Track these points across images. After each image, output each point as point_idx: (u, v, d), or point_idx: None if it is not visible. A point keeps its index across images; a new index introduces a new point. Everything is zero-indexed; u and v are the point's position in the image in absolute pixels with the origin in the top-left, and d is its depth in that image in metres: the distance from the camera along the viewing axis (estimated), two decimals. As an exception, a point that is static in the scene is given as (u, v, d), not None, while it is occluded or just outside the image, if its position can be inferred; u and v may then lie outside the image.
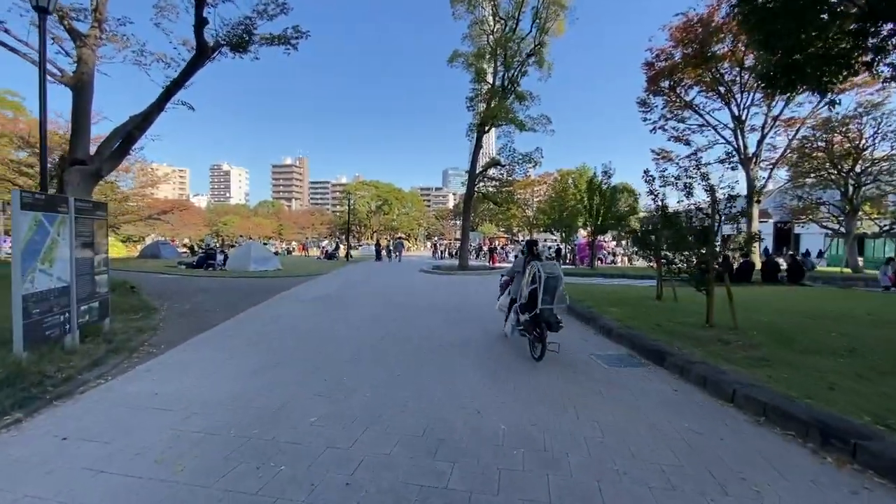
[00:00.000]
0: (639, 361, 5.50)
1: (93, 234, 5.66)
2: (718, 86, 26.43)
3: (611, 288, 13.00)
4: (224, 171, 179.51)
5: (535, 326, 5.46)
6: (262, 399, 4.00)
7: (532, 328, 5.51)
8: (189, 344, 6.09)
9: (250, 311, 8.89)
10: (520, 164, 21.51)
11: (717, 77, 26.04)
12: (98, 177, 10.92)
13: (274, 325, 7.49)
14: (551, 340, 5.51)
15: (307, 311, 8.94)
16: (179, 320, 7.82)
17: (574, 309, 8.79)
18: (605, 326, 7.05)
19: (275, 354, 5.57)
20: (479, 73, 21.71)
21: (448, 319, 8.16)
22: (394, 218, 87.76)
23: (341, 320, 7.97)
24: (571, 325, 7.81)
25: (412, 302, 10.51)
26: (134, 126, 11.11)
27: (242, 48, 13.84)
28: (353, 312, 8.85)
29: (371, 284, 14.56)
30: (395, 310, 9.23)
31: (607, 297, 10.27)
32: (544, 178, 59.36)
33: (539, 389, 4.38)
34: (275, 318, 8.17)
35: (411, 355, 5.61)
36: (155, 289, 12.00)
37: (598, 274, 19.58)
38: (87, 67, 11.77)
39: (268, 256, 19.71)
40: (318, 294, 11.70)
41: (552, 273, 5.39)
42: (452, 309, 9.46)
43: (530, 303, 5.46)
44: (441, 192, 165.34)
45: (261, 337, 6.55)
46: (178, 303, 9.79)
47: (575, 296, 10.38)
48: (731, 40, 23.93)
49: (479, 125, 21.04)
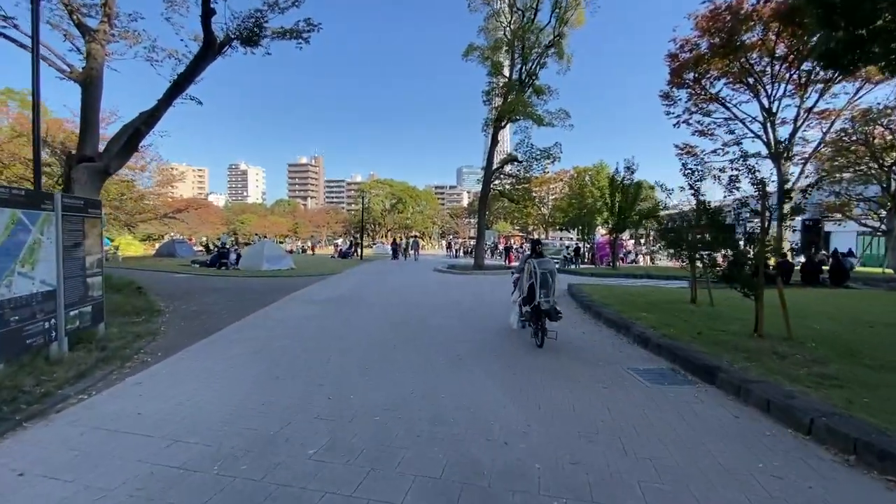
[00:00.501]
0: (684, 378, 4.84)
1: (84, 234, 5.25)
2: (747, 77, 25.19)
3: (637, 289, 12.24)
4: (241, 170, 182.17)
5: (535, 317, 6.10)
6: (256, 422, 3.49)
7: (534, 319, 6.16)
8: (188, 351, 5.65)
9: (258, 314, 8.47)
10: (538, 160, 20.79)
11: (746, 67, 24.80)
12: (106, 174, 10.66)
13: (280, 329, 7.03)
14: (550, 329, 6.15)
15: (317, 314, 8.48)
16: (183, 324, 7.43)
17: (602, 313, 8.12)
18: (640, 335, 6.38)
19: (277, 365, 5.08)
20: (496, 67, 21.03)
21: (465, 323, 7.60)
22: (408, 216, 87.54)
23: (352, 325, 7.48)
24: (601, 332, 7.16)
25: (427, 302, 9.99)
26: (142, 122, 10.81)
27: (253, 42, 13.47)
28: (364, 315, 8.36)
29: (385, 284, 14.08)
30: (409, 311, 8.71)
31: (636, 300, 9.56)
32: (560, 176, 58.27)
33: (576, 414, 3.78)
34: (282, 321, 7.72)
35: (426, 368, 5.06)
36: (164, 289, 11.73)
37: (621, 274, 18.76)
38: (96, 63, 11.53)
39: (281, 255, 19.44)
40: (331, 295, 11.26)
41: (546, 269, 6.09)
42: (468, 311, 8.89)
43: (529, 296, 6.16)
44: (455, 190, 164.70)
45: (265, 344, 6.09)
46: (185, 304, 9.45)
47: (601, 299, 9.70)
48: (761, 28, 22.75)
49: (496, 120, 20.38)
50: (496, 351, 5.90)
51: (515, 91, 19.48)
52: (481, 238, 21.42)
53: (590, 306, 9.02)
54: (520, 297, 6.63)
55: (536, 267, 6.03)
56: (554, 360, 5.42)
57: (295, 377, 4.67)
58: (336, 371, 4.89)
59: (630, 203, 20.00)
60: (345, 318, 8.07)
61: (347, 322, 7.75)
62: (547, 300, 5.88)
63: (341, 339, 6.40)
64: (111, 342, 5.55)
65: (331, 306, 9.49)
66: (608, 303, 9.26)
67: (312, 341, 6.25)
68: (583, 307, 9.48)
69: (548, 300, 5.88)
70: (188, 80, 10.82)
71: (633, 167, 19.92)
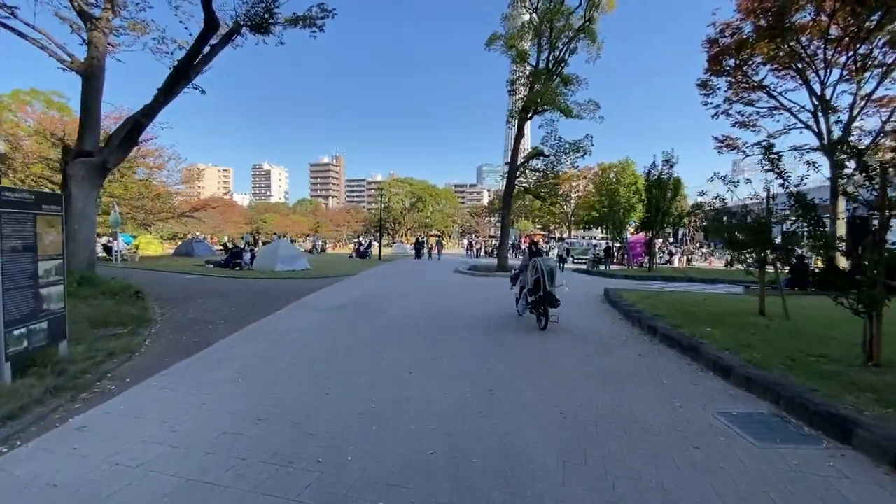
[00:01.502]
0: (800, 431, 3.57)
1: (37, 235, 4.34)
2: (796, 61, 23.07)
3: (685, 295, 10.84)
4: (265, 170, 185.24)
5: (539, 305, 7.28)
6: (215, 501, 2.45)
7: (538, 306, 7.33)
8: (163, 376, 4.69)
9: (260, 324, 7.53)
10: (566, 153, 19.39)
11: (797, 51, 22.70)
12: (104, 169, 9.95)
13: (277, 347, 6.03)
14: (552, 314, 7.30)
15: (323, 325, 7.47)
16: (171, 336, 6.53)
17: (657, 329, 6.84)
18: (715, 361, 5.09)
19: (263, 399, 4.06)
20: (521, 55, 19.73)
21: (494, 340, 6.46)
22: (428, 215, 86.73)
23: (360, 340, 6.43)
24: (663, 354, 5.87)
25: (446, 308, 8.88)
26: (142, 114, 10.07)
27: (264, 29, 12.65)
28: (375, 328, 7.31)
29: (402, 288, 13.04)
30: (426, 324, 7.62)
31: (693, 311, 8.21)
32: (584, 173, 56.32)
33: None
34: (283, 335, 6.74)
35: (452, 410, 3.94)
36: (168, 292, 11.00)
37: (658, 276, 17.23)
38: (98, 52, 10.83)
39: (296, 255, 18.68)
40: (342, 301, 10.27)
41: (549, 266, 7.49)
42: (495, 324, 7.73)
43: (535, 288, 7.34)
44: (475, 188, 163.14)
45: (256, 366, 5.08)
46: (183, 310, 8.61)
47: (649, 309, 8.40)
48: (813, 8, 20.75)
49: (521, 111, 19.11)
50: (538, 391, 4.74)
51: (543, 80, 18.14)
52: (505, 237, 20.18)
53: (639, 319, 7.72)
54: (523, 289, 8.01)
55: (542, 264, 7.38)
56: (617, 394, 4.23)
57: (281, 419, 3.62)
58: (334, 410, 3.83)
59: (669, 199, 18.39)
60: (354, 332, 7.03)
61: (356, 335, 6.71)
62: (552, 289, 7.26)
63: (347, 359, 5.36)
64: (74, 364, 4.64)
65: (341, 315, 8.48)
66: (660, 313, 7.95)
67: (312, 363, 5.21)
68: (629, 319, 8.18)
69: (552, 289, 7.27)
70: (190, 66, 10.00)
71: (673, 160, 18.31)
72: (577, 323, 7.98)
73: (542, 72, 18.70)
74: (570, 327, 7.55)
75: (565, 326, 7.54)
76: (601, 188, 49.11)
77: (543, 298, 7.14)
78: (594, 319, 8.40)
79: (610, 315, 8.91)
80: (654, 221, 18.14)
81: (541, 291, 7.16)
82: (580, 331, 7.26)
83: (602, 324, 7.97)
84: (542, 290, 7.14)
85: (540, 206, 66.30)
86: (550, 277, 7.23)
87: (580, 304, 10.47)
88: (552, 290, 7.20)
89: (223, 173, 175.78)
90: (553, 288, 7.23)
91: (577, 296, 11.90)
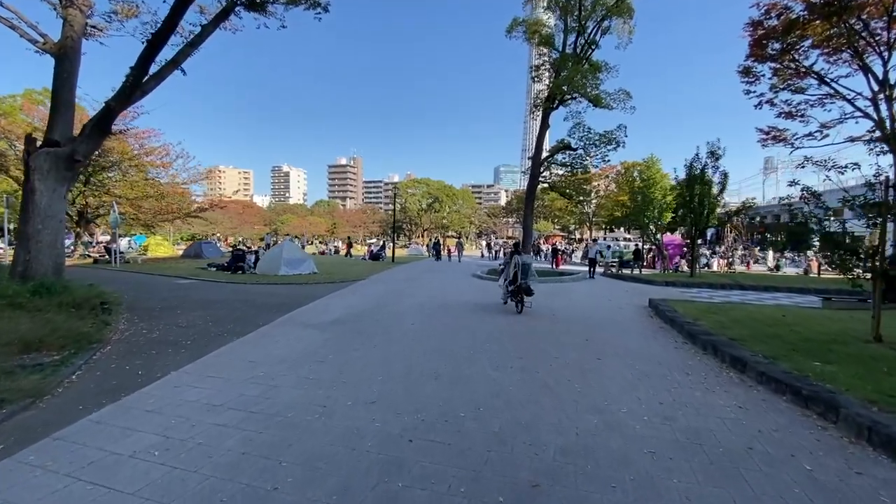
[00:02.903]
0: None
1: None
2: (855, 42, 20.62)
3: (754, 310, 8.96)
4: (284, 172, 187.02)
5: (517, 293, 8.95)
6: None
7: (516, 294, 8.98)
8: (49, 444, 3.22)
9: (231, 348, 6.08)
10: (596, 146, 17.54)
11: (856, 31, 20.27)
12: (73, 161, 8.67)
13: (238, 386, 4.53)
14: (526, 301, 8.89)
15: (309, 350, 5.96)
16: (113, 366, 5.13)
17: (745, 362, 5.08)
18: (882, 433, 3.31)
19: (180, 498, 2.53)
20: (545, 40, 17.99)
21: (529, 382, 4.84)
22: (445, 215, 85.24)
23: (351, 375, 4.89)
24: (772, 405, 4.08)
25: (462, 328, 7.27)
26: (114, 99, 8.80)
27: (260, 6, 11.34)
28: (374, 354, 5.77)
29: (413, 297, 11.49)
30: (439, 347, 6.05)
31: (780, 334, 6.39)
32: (606, 171, 53.96)
33: None
34: (253, 365, 5.24)
35: None
36: (148, 301, 9.75)
37: (704, 283, 15.23)
38: (74, 32, 9.59)
39: (301, 258, 17.35)
40: (342, 313, 8.78)
41: (525, 262, 9.08)
42: (525, 351, 6.11)
43: (514, 280, 9.03)
44: (493, 189, 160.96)
45: (185, 431, 3.56)
46: (150, 326, 7.26)
47: (719, 329, 6.63)
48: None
49: (547, 99, 17.38)
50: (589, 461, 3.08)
51: (570, 64, 16.36)
52: (528, 238, 18.43)
53: (712, 344, 5.95)
54: (505, 281, 9.39)
55: (519, 261, 8.88)
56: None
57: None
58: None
59: (716, 196, 16.35)
60: (345, 363, 5.50)
61: (347, 368, 5.19)
62: (525, 281, 8.82)
63: (325, 416, 3.81)
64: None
65: (335, 335, 6.96)
66: (737, 337, 6.18)
67: (271, 422, 3.68)
68: (695, 343, 6.41)
69: (525, 281, 8.83)
70: (165, 40, 8.65)
71: (719, 151, 16.26)
72: (629, 346, 6.27)
73: (570, 56, 16.92)
74: (621, 352, 5.85)
75: (614, 349, 5.86)
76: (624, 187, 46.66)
77: (520, 288, 8.86)
78: (648, 342, 6.67)
79: (666, 335, 7.15)
80: (698, 220, 16.11)
81: (518, 282, 8.87)
82: (637, 359, 5.57)
83: (661, 350, 6.24)
84: (518, 282, 8.88)
85: (561, 207, 64.27)
86: (525, 272, 8.93)
87: (623, 318, 8.72)
88: (527, 282, 8.94)
89: (244, 175, 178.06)
90: (527, 280, 8.95)
91: (616, 307, 10.14)
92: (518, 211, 74.87)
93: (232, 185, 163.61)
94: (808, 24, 20.43)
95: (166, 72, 10.15)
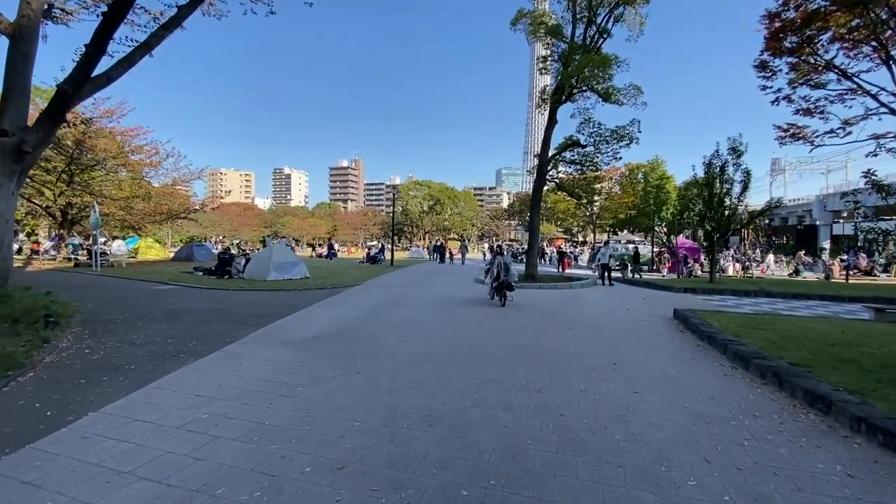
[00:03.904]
0: None
1: None
2: (881, 34, 19.46)
3: (804, 324, 7.77)
4: (285, 174, 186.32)
5: (500, 289, 10.43)
6: None
7: (499, 290, 10.44)
8: None
9: (180, 375, 4.96)
10: (607, 142, 16.41)
11: (882, 21, 19.10)
12: (21, 153, 7.57)
13: (168, 441, 3.42)
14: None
15: (276, 378, 4.84)
16: (18, 403, 4.03)
17: (830, 402, 3.93)
18: None
19: None
20: (553, 31, 16.91)
21: (554, 433, 3.72)
22: (446, 218, 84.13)
23: (320, 419, 3.77)
24: (888, 471, 2.94)
25: (463, 348, 6.15)
26: (66, 81, 7.73)
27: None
28: (354, 385, 4.64)
29: (410, 305, 10.38)
30: (436, 376, 4.93)
31: (849, 356, 5.24)
32: (609, 173, 52.86)
33: None
34: (199, 403, 4.12)
35: None
36: (111, 310, 8.67)
37: (726, 290, 14.05)
38: (32, 10, 8.46)
39: (292, 262, 16.23)
40: (326, 327, 7.66)
41: (506, 262, 10.52)
42: (544, 382, 4.99)
43: (497, 277, 10.41)
44: (494, 191, 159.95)
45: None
46: (98, 343, 6.16)
47: (769, 348, 5.49)
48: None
49: (555, 92, 16.27)
50: None
51: (581, 54, 15.27)
52: (534, 241, 17.27)
53: (772, 371, 4.79)
54: (490, 279, 10.87)
55: (502, 261, 10.50)
56: None
57: None
58: None
59: (738, 196, 15.18)
60: (316, 399, 4.38)
61: (318, 407, 4.07)
62: (507, 278, 10.33)
63: (269, 494, 2.70)
64: None
65: (312, 357, 5.85)
66: (799, 361, 5.03)
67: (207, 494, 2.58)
68: (746, 366, 5.25)
69: (507, 278, 10.33)
70: (122, 15, 7.55)
71: (741, 148, 15.13)
72: (668, 372, 5.13)
73: (579, 46, 15.84)
74: (660, 381, 4.71)
75: (651, 377, 4.72)
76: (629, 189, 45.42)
77: (503, 284, 10.27)
78: (689, 367, 5.52)
79: (707, 357, 6.00)
80: (719, 222, 14.94)
81: (500, 279, 10.26)
82: (684, 393, 4.43)
83: (710, 379, 5.09)
84: (500, 279, 10.26)
85: (564, 209, 63.05)
86: (506, 270, 10.28)
87: (648, 332, 7.57)
88: (508, 279, 10.28)
89: (245, 177, 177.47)
90: (508, 277, 10.28)
91: (637, 319, 8.99)
92: (520, 213, 73.66)
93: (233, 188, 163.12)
94: (831, 16, 19.28)
95: (136, 56, 9.10)
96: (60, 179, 19.30)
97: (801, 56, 21.31)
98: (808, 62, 21.35)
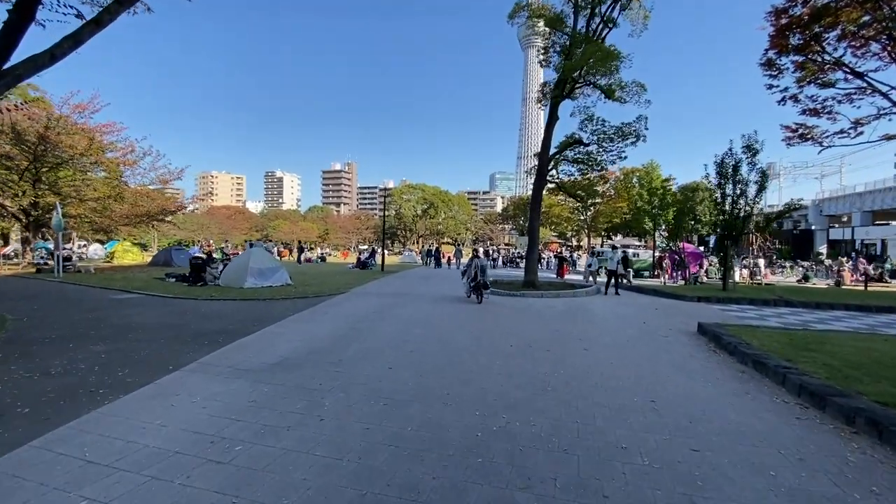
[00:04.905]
0: None
1: None
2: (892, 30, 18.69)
3: (862, 343, 6.67)
4: (277, 177, 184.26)
5: (477, 289, 11.62)
6: None
7: (476, 290, 11.64)
8: None
9: (84, 422, 3.72)
10: (612, 140, 15.40)
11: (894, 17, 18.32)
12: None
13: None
14: None
15: (214, 426, 3.61)
16: None
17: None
18: None
19: None
20: (553, 22, 15.92)
21: None
22: (440, 222, 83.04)
23: (262, 496, 2.57)
24: None
25: (459, 377, 4.96)
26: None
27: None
28: (314, 438, 3.42)
29: (393, 322, 9.18)
30: (422, 423, 3.75)
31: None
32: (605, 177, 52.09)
33: None
34: (92, 475, 2.90)
35: None
36: (51, 326, 7.38)
37: (743, 299, 13.01)
38: None
39: (273, 268, 14.95)
40: (293, 349, 6.43)
41: (483, 264, 11.85)
42: (570, 438, 3.82)
43: (474, 277, 11.62)
44: (488, 195, 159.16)
45: None
46: (3, 374, 4.89)
47: (842, 383, 4.36)
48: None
49: (556, 87, 15.24)
50: None
51: (583, 45, 14.26)
52: (534, 245, 16.13)
53: (867, 417, 3.66)
54: (468, 279, 12.04)
55: (479, 263, 11.74)
56: None
57: None
58: None
59: (753, 197, 14.19)
60: (260, 463, 3.18)
61: (260, 477, 2.87)
62: (483, 279, 11.58)
63: None
64: None
65: (268, 393, 4.63)
66: (891, 400, 3.91)
67: None
68: (822, 406, 4.09)
69: (483, 279, 11.58)
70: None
71: (756, 146, 14.18)
72: (725, 415, 3.97)
73: (582, 37, 14.84)
74: (720, 430, 3.55)
75: (708, 426, 3.57)
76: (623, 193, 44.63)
77: (479, 284, 11.56)
78: (747, 407, 4.37)
79: (760, 389, 4.86)
80: (734, 226, 13.94)
81: (478, 280, 11.56)
82: (760, 452, 3.28)
83: (784, 428, 3.94)
84: (477, 279, 11.57)
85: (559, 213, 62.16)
86: (482, 272, 11.63)
87: (677, 353, 6.40)
88: (484, 279, 11.60)
89: (236, 180, 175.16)
90: (484, 278, 11.63)
91: (658, 335, 7.79)
92: (514, 217, 72.72)
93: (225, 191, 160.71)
94: (841, 11, 18.50)
95: (84, 33, 7.80)
96: (24, 178, 17.86)
97: (807, 54, 20.51)
98: (814, 60, 20.56)
